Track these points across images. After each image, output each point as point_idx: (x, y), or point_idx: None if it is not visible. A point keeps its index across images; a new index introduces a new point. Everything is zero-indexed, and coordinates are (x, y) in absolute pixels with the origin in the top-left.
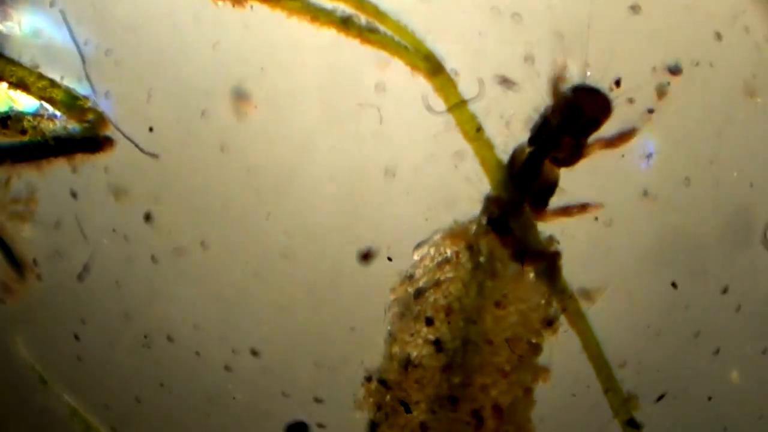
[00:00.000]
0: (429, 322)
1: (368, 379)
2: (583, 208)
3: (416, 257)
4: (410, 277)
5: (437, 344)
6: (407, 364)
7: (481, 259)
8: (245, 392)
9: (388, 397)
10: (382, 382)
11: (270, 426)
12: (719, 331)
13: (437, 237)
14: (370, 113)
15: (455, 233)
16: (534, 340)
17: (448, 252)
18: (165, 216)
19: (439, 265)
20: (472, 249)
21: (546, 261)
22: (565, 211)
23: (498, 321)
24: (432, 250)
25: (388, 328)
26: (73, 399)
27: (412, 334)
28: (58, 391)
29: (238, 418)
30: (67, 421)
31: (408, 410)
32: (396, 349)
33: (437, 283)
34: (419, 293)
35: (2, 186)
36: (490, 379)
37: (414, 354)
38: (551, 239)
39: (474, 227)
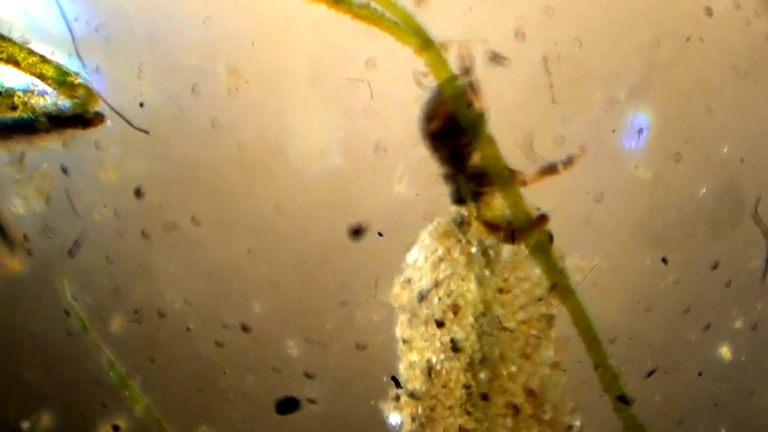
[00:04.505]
0: (439, 324)
1: (397, 398)
2: (569, 161)
3: (408, 260)
4: (408, 281)
5: (453, 344)
6: (430, 370)
7: (473, 250)
8: (236, 367)
9: (420, 408)
10: (411, 395)
11: (261, 401)
12: (709, 307)
13: (425, 238)
14: (360, 88)
15: (442, 231)
16: (545, 311)
17: (440, 250)
18: (156, 191)
19: (434, 265)
20: (461, 243)
21: (535, 228)
22: (552, 169)
23: (507, 306)
24: (423, 251)
25: (401, 336)
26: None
27: (426, 340)
28: (98, 340)
29: (228, 393)
30: (105, 371)
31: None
32: (415, 357)
33: (437, 284)
34: (422, 296)
35: None
36: (514, 366)
37: (434, 359)
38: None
39: (457, 222)
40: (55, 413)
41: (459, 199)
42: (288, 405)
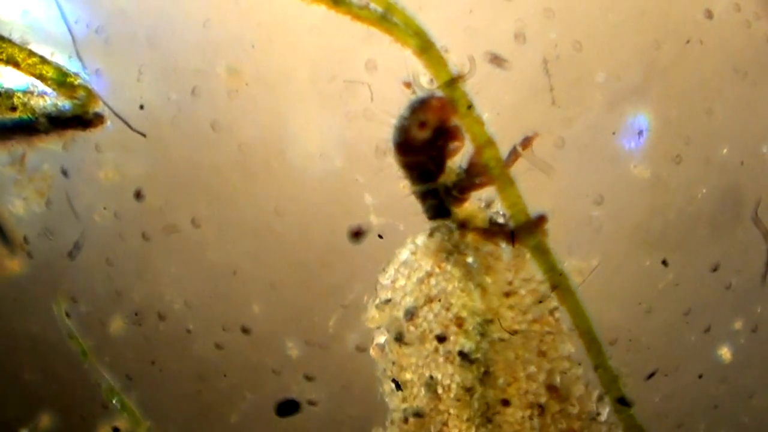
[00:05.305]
0: (441, 339)
1: (405, 420)
2: (526, 142)
3: (385, 282)
4: (387, 302)
5: (463, 356)
6: (435, 386)
7: (470, 260)
8: (236, 370)
9: (431, 426)
10: (416, 414)
11: (260, 403)
12: (710, 309)
13: (405, 256)
14: (360, 91)
15: (434, 248)
16: (552, 305)
17: (427, 267)
18: (156, 193)
19: (421, 281)
20: (453, 256)
21: (534, 229)
22: (514, 154)
23: (515, 309)
24: (405, 270)
25: (390, 358)
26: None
27: (425, 356)
28: (98, 365)
29: (228, 395)
30: (105, 397)
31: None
32: (411, 376)
33: (430, 299)
34: (411, 315)
35: None
36: (532, 366)
37: (439, 375)
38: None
39: (445, 235)
40: (55, 415)
41: (440, 212)
42: (288, 407)
